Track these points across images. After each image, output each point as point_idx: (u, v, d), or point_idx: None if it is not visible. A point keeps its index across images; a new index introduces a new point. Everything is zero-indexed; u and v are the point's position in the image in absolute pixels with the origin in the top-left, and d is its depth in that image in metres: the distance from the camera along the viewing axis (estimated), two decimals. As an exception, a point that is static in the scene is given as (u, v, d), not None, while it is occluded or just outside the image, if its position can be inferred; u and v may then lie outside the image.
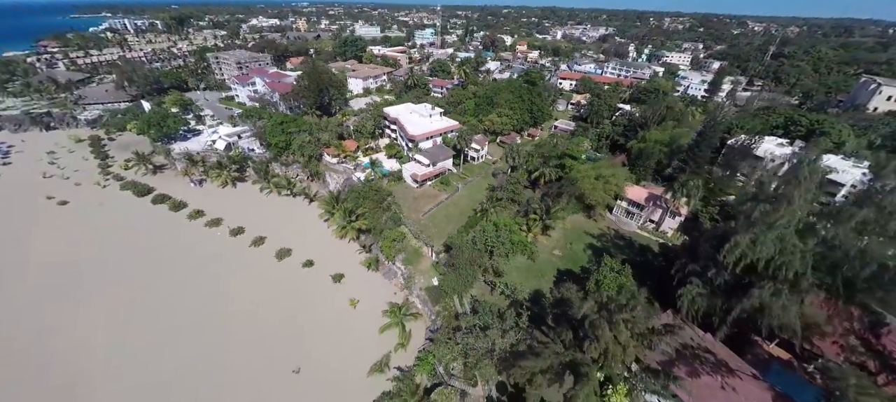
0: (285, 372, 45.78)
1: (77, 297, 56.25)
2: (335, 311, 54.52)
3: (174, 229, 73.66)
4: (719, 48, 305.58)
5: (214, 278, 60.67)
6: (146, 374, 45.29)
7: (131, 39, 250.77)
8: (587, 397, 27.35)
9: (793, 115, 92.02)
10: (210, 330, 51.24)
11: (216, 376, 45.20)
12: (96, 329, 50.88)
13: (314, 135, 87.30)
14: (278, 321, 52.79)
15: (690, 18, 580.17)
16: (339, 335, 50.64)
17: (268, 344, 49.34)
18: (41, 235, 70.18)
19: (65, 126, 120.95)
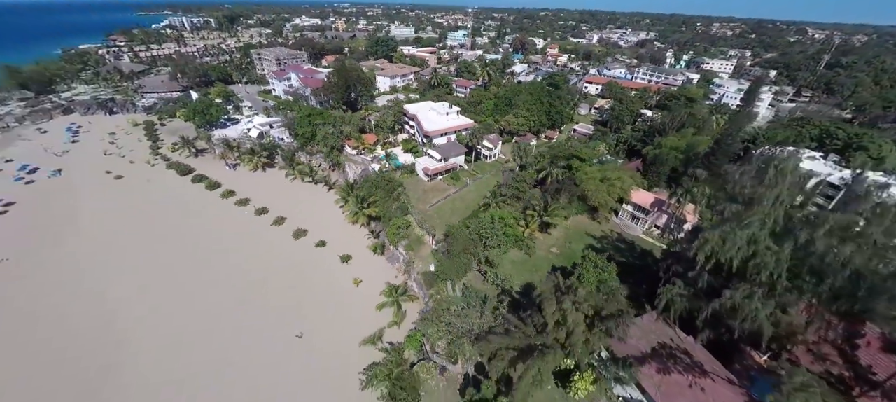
0: (289, 336, 50.61)
1: (121, 256, 64.68)
2: (340, 287, 59.03)
3: (208, 205, 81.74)
4: (769, 56, 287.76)
5: (238, 250, 67.26)
6: (172, 324, 51.80)
7: (187, 36, 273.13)
8: (539, 371, 29.30)
9: (829, 127, 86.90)
10: (230, 294, 57.32)
11: (232, 333, 50.84)
12: (132, 284, 58.56)
13: (337, 127, 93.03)
14: (288, 292, 58.02)
15: (742, 24, 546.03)
16: (340, 308, 54.97)
17: (277, 311, 54.53)
18: (99, 202, 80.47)
19: (125, 111, 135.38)
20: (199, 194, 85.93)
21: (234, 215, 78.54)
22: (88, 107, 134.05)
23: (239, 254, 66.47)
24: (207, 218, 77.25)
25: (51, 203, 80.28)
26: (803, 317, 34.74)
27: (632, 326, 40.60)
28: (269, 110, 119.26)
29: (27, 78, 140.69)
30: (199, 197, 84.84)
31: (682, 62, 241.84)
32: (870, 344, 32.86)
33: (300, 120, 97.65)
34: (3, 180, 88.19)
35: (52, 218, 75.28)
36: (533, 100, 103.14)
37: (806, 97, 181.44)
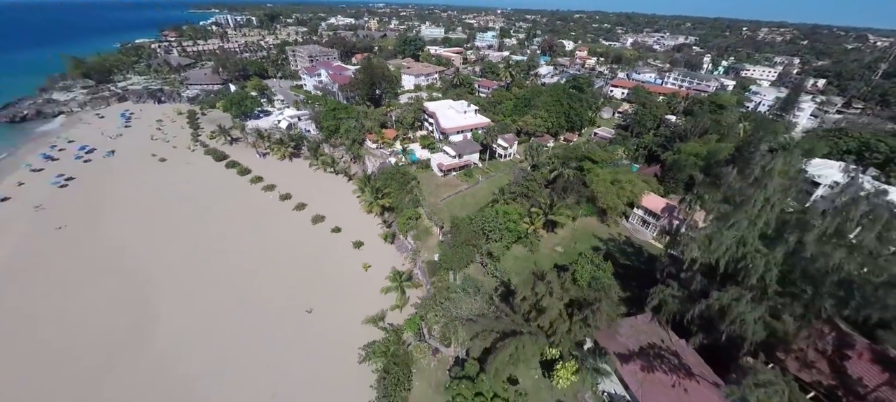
0: (300, 310, 54.60)
1: (160, 228, 71.85)
2: (350, 270, 62.64)
3: (238, 189, 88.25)
4: (821, 64, 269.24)
5: (261, 230, 72.68)
6: (198, 286, 57.46)
7: (230, 32, 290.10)
8: (516, 350, 30.91)
9: (869, 139, 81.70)
10: (250, 268, 62.42)
11: (249, 303, 55.51)
12: (168, 251, 65.03)
13: (359, 122, 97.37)
14: (303, 270, 62.30)
15: (794, 30, 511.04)
16: (348, 289, 58.46)
17: (292, 286, 58.82)
18: (144, 181, 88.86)
19: (172, 101, 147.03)
20: (231, 179, 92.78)
21: (260, 199, 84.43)
22: (140, 96, 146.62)
23: (262, 234, 71.79)
24: (237, 200, 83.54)
25: (104, 180, 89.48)
26: (794, 325, 34.24)
27: (623, 324, 41.54)
28: (299, 104, 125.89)
29: (90, 68, 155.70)
30: (231, 181, 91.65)
31: (721, 68, 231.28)
32: (861, 356, 31.99)
33: (325, 114, 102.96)
34: (66, 158, 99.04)
35: (104, 193, 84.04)
36: (552, 101, 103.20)
37: (857, 109, 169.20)
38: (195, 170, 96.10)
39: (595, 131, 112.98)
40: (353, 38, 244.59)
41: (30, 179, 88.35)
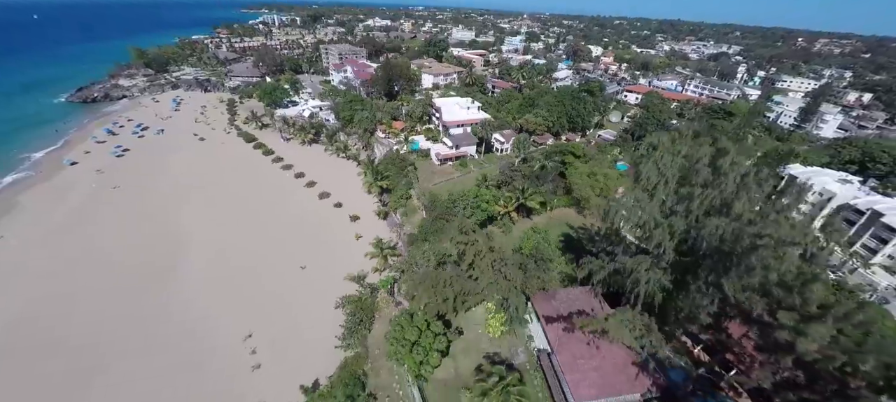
0: (296, 266, 63.58)
1: (194, 193, 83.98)
2: (343, 239, 71.09)
3: (262, 166, 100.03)
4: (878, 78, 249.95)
5: (275, 201, 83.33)
6: (220, 241, 68.25)
7: (275, 31, 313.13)
8: (444, 287, 37.26)
9: (873, 150, 79.61)
10: (261, 230, 72.65)
11: (254, 256, 65.36)
12: (198, 212, 76.64)
13: (372, 113, 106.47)
14: (303, 235, 71.59)
15: (857, 41, 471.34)
16: (339, 253, 66.78)
17: (292, 247, 68.06)
18: (185, 155, 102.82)
19: (216, 90, 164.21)
20: (257, 158, 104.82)
21: (278, 176, 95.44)
22: (190, 85, 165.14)
23: (275, 203, 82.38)
24: (259, 175, 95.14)
25: (153, 153, 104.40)
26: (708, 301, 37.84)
27: (560, 292, 46.65)
28: (323, 96, 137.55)
29: (150, 59, 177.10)
30: (256, 159, 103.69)
31: (756, 79, 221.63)
32: (735, 318, 35.44)
33: (343, 105, 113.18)
34: (124, 134, 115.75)
35: (152, 163, 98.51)
36: (554, 102, 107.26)
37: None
38: (227, 149, 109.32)
39: (599, 133, 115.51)
40: (385, 38, 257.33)
41: (94, 149, 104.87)
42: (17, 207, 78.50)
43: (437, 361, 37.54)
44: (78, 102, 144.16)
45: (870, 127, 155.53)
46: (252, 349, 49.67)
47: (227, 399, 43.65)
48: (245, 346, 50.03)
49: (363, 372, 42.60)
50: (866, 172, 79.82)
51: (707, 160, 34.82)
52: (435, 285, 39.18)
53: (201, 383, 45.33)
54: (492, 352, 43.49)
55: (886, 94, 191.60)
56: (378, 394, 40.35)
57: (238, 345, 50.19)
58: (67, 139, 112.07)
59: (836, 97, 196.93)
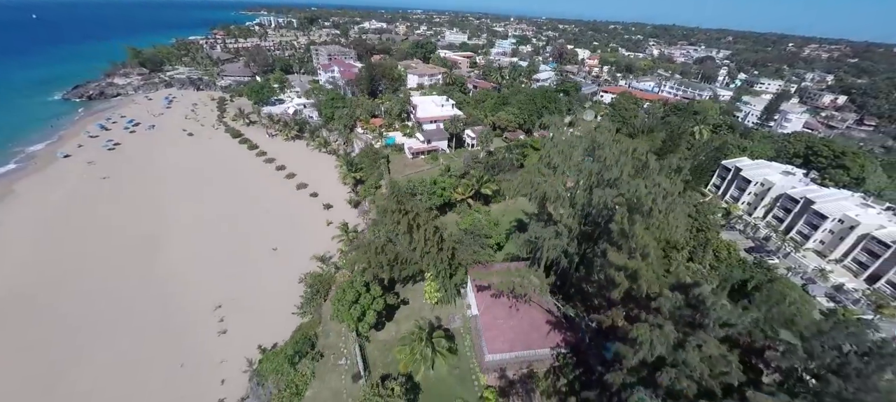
0: (268, 248, 68.69)
1: (179, 184, 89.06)
2: (315, 224, 76.22)
3: (245, 160, 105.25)
4: (860, 82, 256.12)
5: (256, 190, 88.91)
6: (200, 224, 73.43)
7: (270, 33, 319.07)
8: (375, 255, 42.34)
9: (815, 144, 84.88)
10: (241, 215, 77.86)
11: (231, 237, 70.61)
12: (182, 199, 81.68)
13: (351, 110, 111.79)
14: (279, 220, 76.75)
15: (846, 47, 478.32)
16: (310, 237, 71.86)
17: (268, 231, 73.27)
18: (173, 149, 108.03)
19: (208, 89, 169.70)
20: (242, 152, 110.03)
21: (260, 168, 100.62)
22: (183, 83, 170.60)
23: (255, 192, 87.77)
24: (242, 168, 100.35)
25: (142, 147, 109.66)
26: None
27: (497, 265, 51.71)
28: (308, 94, 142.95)
29: (145, 59, 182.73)
30: (240, 153, 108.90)
31: (737, 81, 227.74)
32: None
33: (325, 103, 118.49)
34: (116, 129, 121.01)
35: (141, 156, 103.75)
36: (526, 101, 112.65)
37: (871, 125, 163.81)
38: (214, 143, 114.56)
39: (571, 131, 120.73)
40: (377, 40, 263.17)
41: (87, 143, 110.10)
42: (12, 194, 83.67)
43: (373, 318, 42.54)
44: (74, 99, 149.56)
45: (839, 127, 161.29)
46: (220, 317, 54.75)
47: (193, 359, 48.60)
48: (214, 315, 55.11)
49: (314, 334, 47.59)
50: (809, 165, 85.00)
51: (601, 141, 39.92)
52: (367, 251, 44.21)
53: (172, 345, 50.35)
54: (432, 318, 48.54)
55: (861, 96, 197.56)
56: (325, 352, 45.34)
57: (208, 314, 55.27)
58: (62, 134, 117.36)
59: (812, 99, 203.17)
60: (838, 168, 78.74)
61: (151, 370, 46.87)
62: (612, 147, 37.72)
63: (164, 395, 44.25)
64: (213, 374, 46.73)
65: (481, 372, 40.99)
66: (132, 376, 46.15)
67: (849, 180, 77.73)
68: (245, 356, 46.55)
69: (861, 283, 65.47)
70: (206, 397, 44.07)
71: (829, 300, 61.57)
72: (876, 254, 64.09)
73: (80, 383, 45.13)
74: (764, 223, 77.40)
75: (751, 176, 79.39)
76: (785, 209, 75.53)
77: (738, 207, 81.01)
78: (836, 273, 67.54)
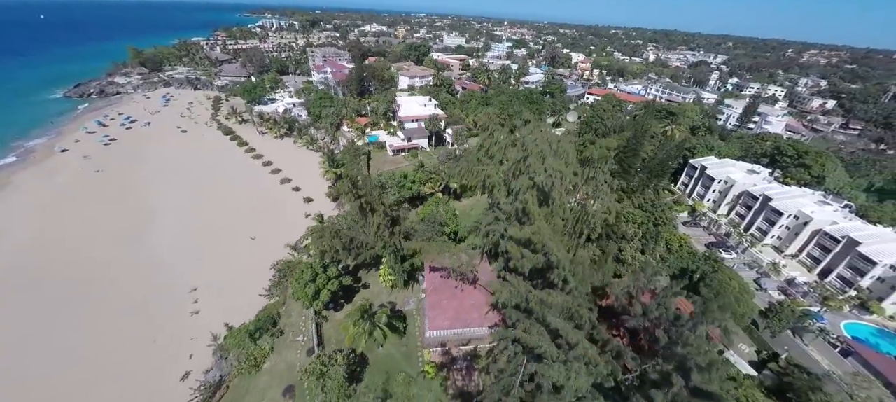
0: (248, 237, 72.26)
1: (171, 177, 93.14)
2: (294, 216, 79.70)
3: (234, 155, 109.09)
4: (855, 87, 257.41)
5: (242, 184, 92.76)
6: (189, 214, 77.23)
7: (271, 34, 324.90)
8: (331, 239, 45.64)
9: (781, 145, 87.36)
10: (224, 208, 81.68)
11: (215, 227, 74.46)
12: (170, 191, 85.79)
13: (338, 109, 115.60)
14: (260, 212, 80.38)
15: (846, 53, 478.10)
16: (286, 227, 75.19)
17: (248, 221, 76.90)
18: (166, 145, 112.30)
19: (206, 88, 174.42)
20: (231, 148, 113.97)
21: (248, 164, 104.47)
22: (181, 83, 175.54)
23: (240, 186, 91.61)
24: (230, 163, 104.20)
25: (137, 142, 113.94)
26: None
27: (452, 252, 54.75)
28: (299, 93, 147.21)
29: (146, 58, 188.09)
30: (230, 150, 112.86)
31: (729, 85, 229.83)
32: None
33: (314, 102, 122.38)
34: (113, 126, 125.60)
35: (135, 151, 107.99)
36: (507, 101, 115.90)
37: (856, 129, 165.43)
38: (206, 140, 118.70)
39: (553, 131, 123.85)
40: (373, 42, 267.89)
41: (84, 138, 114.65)
42: (10, 185, 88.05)
43: (327, 297, 45.80)
44: (75, 97, 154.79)
45: (824, 130, 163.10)
46: (195, 299, 58.23)
47: (166, 335, 52.06)
48: (190, 297, 58.62)
49: (278, 313, 50.92)
50: (775, 164, 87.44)
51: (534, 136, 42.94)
52: (323, 234, 47.47)
53: (148, 323, 53.91)
54: (387, 301, 51.77)
55: (850, 101, 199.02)
56: (285, 329, 48.68)
57: (184, 296, 58.80)
58: (60, 130, 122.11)
59: (801, 102, 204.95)
60: (800, 167, 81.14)
61: (126, 345, 50.33)
62: (534, 136, 40.77)
63: (136, 366, 47.65)
64: (183, 349, 50.08)
65: (423, 348, 44.04)
66: (108, 348, 49.65)
67: (810, 179, 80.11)
68: (211, 332, 49.82)
69: (814, 277, 67.98)
70: (175, 368, 47.40)
71: (780, 293, 64.29)
72: (828, 249, 66.57)
73: (61, 346, 48.94)
74: (727, 220, 79.98)
75: (715, 174, 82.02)
76: (746, 206, 78.12)
77: (703, 204, 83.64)
78: (793, 268, 70.11)
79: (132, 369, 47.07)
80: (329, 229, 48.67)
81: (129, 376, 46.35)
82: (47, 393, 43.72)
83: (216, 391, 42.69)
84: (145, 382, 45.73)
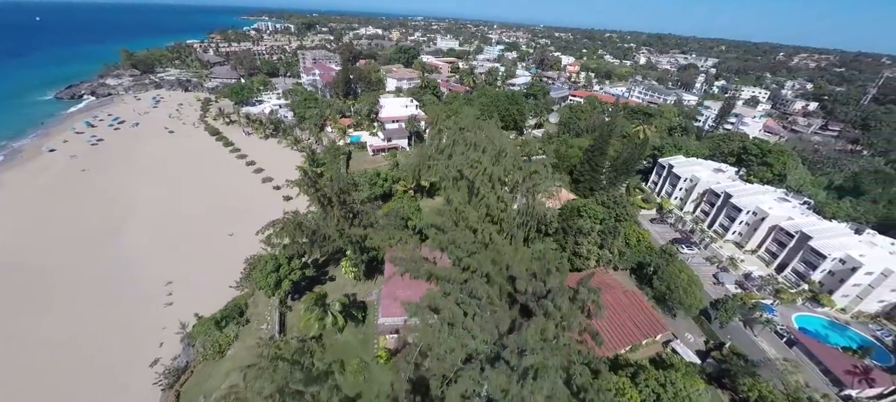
0: (225, 234, 74.43)
1: (156, 174, 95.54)
2: (274, 213, 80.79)
3: (219, 155, 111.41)
4: (840, 89, 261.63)
5: (224, 182, 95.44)
6: (171, 209, 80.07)
7: (266, 37, 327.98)
8: (294, 229, 47.85)
9: (747, 144, 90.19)
10: (206, 205, 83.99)
11: (195, 223, 76.70)
12: (153, 189, 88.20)
13: (321, 110, 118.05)
14: (240, 209, 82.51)
15: (837, 57, 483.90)
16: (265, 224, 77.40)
17: (228, 218, 79.04)
18: (153, 144, 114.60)
19: (196, 90, 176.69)
20: (217, 148, 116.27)
21: (232, 163, 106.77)
22: (172, 85, 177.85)
23: (223, 184, 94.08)
24: (214, 162, 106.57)
25: (124, 142, 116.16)
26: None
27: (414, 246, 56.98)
28: (286, 94, 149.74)
29: (138, 60, 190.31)
30: (215, 149, 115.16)
31: (715, 88, 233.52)
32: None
33: (298, 103, 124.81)
34: (102, 126, 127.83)
35: (122, 151, 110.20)
36: (488, 102, 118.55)
37: (835, 130, 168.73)
38: (192, 140, 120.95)
39: (534, 132, 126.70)
40: (365, 45, 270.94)
41: (72, 138, 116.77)
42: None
43: (289, 286, 48.06)
44: (66, 98, 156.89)
45: (804, 131, 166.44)
46: (169, 292, 60.33)
47: (139, 325, 54.14)
48: (165, 289, 60.74)
49: (245, 304, 53.07)
50: (742, 163, 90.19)
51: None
52: (286, 226, 49.75)
53: (124, 313, 56.00)
54: (352, 293, 53.95)
55: (831, 103, 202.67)
56: (251, 319, 50.85)
57: (160, 288, 60.94)
58: (49, 130, 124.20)
59: (783, 104, 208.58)
60: (763, 166, 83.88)
61: (99, 335, 52.34)
62: (474, 131, 43.23)
63: (108, 354, 49.66)
64: (154, 338, 52.12)
65: (377, 334, 46.24)
66: (82, 339, 51.64)
67: (772, 177, 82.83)
68: (180, 320, 51.90)
69: (772, 271, 70.49)
70: (145, 355, 49.44)
71: (737, 287, 66.72)
72: (783, 244, 69.14)
73: (35, 338, 51.01)
74: (691, 217, 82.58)
75: (681, 173, 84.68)
76: (710, 203, 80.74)
77: (670, 201, 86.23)
78: (752, 263, 72.60)
79: (104, 357, 49.09)
80: (291, 221, 50.88)
81: (100, 363, 48.35)
82: (19, 382, 45.67)
83: (181, 376, 44.74)
84: (115, 368, 47.78)
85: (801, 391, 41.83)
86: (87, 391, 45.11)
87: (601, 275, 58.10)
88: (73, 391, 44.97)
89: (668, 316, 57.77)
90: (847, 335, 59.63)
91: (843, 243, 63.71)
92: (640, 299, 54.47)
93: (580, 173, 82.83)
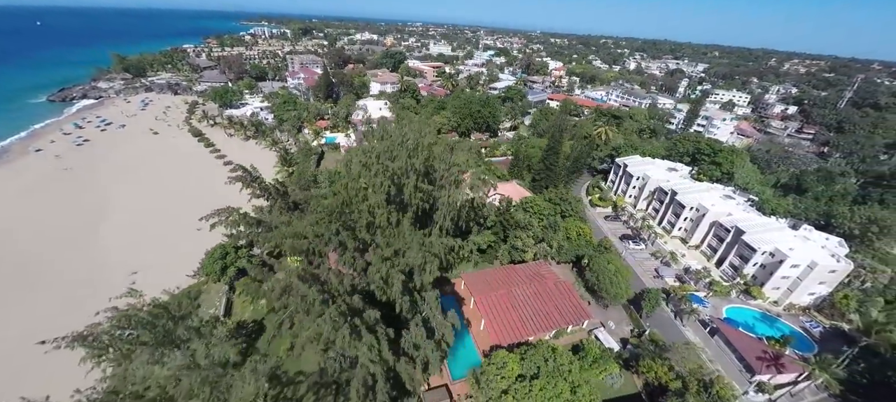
0: (194, 228, 78.03)
1: (138, 173, 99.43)
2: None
3: (199, 156, 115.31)
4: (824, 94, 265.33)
5: (200, 181, 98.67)
6: (149, 204, 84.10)
7: (260, 42, 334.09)
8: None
9: (700, 144, 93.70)
10: (179, 202, 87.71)
11: (168, 221, 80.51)
12: (133, 186, 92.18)
13: (299, 113, 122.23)
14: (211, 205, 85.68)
15: (828, 62, 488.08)
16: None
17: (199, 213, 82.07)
18: (137, 145, 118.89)
19: (185, 93, 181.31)
20: (197, 149, 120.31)
21: (210, 163, 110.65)
22: (162, 88, 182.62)
23: (200, 182, 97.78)
24: (194, 162, 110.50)
25: (109, 143, 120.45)
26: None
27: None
28: (268, 97, 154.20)
29: (130, 64, 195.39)
30: (196, 150, 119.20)
31: (697, 92, 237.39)
32: None
33: (278, 106, 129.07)
34: (90, 127, 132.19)
35: (106, 151, 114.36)
36: (460, 105, 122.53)
37: (810, 133, 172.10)
38: (175, 141, 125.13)
39: (507, 134, 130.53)
40: (355, 50, 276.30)
41: (59, 139, 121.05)
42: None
43: (234, 272, 51.71)
44: (57, 101, 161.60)
45: (779, 134, 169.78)
46: (133, 281, 63.84)
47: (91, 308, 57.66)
48: (128, 279, 64.22)
49: (199, 291, 56.63)
50: (696, 162, 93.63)
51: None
52: (231, 215, 53.42)
53: (90, 297, 59.46)
54: (300, 279, 57.35)
55: (810, 107, 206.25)
56: (203, 304, 54.35)
57: (124, 277, 64.44)
58: (38, 131, 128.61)
59: (764, 108, 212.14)
60: (713, 165, 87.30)
61: (54, 318, 55.94)
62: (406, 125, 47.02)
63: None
64: (111, 322, 55.66)
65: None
66: (43, 319, 55.31)
67: (721, 175, 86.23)
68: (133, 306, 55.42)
69: (712, 265, 73.77)
70: (100, 338, 52.91)
71: (676, 280, 69.96)
72: (722, 239, 72.45)
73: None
74: (642, 214, 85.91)
75: (634, 172, 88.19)
76: (659, 201, 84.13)
77: (624, 199, 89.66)
78: (694, 258, 75.88)
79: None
80: (236, 211, 54.56)
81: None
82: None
83: (130, 355, 48.16)
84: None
85: (699, 374, 44.99)
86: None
87: (538, 267, 61.63)
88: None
89: (600, 306, 61.18)
90: (776, 326, 62.77)
91: (774, 237, 66.88)
92: (569, 289, 57.72)
93: (537, 172, 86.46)
